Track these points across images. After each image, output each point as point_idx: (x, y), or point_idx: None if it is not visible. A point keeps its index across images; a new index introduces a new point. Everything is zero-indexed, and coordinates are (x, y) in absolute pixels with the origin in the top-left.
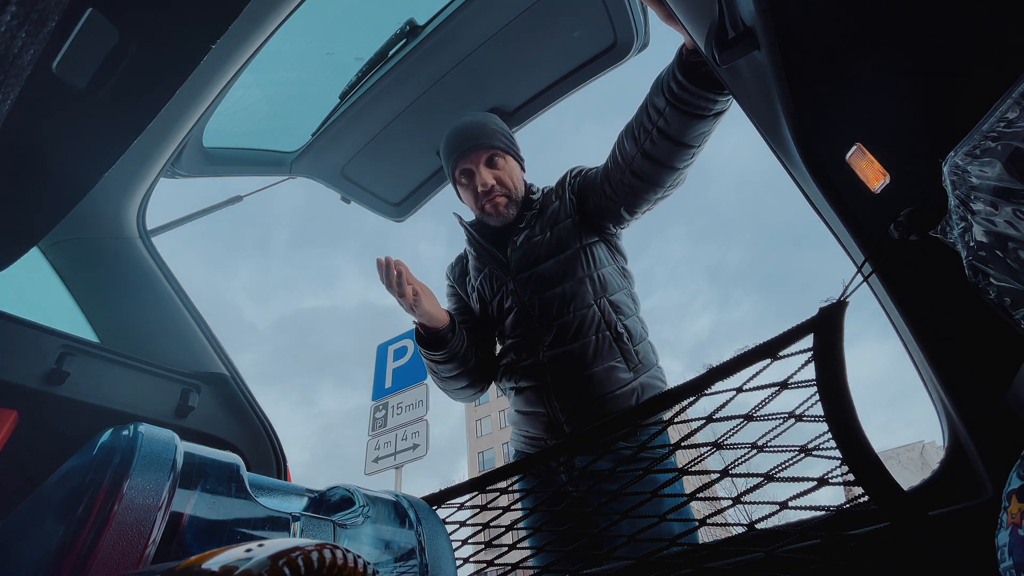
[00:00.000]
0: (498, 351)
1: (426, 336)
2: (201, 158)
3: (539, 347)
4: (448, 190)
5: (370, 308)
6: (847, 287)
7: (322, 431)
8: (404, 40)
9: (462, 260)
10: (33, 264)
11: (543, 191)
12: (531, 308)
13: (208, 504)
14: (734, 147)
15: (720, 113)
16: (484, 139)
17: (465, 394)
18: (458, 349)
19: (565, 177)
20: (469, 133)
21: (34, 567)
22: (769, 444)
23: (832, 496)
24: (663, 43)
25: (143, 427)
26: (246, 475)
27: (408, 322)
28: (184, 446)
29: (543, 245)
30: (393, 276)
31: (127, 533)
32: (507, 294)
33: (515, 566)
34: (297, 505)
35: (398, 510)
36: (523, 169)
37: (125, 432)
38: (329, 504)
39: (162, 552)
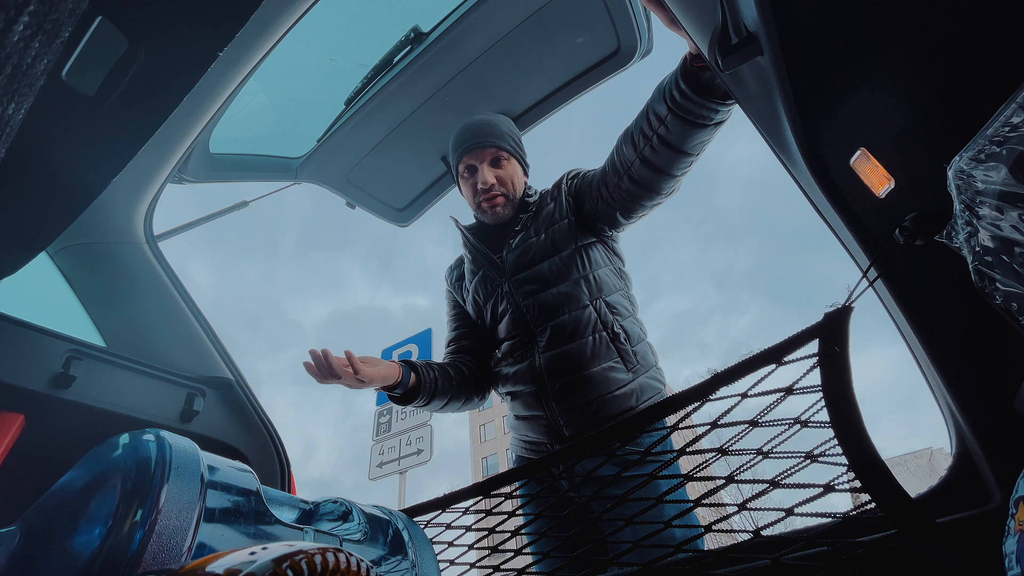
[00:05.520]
0: (494, 357)
1: (396, 396)
2: (208, 164)
3: (534, 349)
4: (452, 195)
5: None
6: (852, 292)
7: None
8: (409, 47)
9: (460, 264)
10: (41, 268)
11: (540, 193)
12: (526, 310)
13: (227, 515)
14: (739, 150)
15: (721, 123)
16: (492, 138)
17: (469, 407)
18: (432, 387)
19: (562, 179)
20: (479, 130)
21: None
22: (774, 450)
23: (839, 503)
24: (665, 47)
25: (166, 434)
26: (262, 488)
27: (418, 323)
28: (204, 456)
29: (538, 247)
30: (324, 367)
31: (167, 543)
32: (501, 296)
33: (519, 572)
34: (299, 517)
35: (392, 525)
36: (526, 174)
37: (148, 438)
38: (326, 517)
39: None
